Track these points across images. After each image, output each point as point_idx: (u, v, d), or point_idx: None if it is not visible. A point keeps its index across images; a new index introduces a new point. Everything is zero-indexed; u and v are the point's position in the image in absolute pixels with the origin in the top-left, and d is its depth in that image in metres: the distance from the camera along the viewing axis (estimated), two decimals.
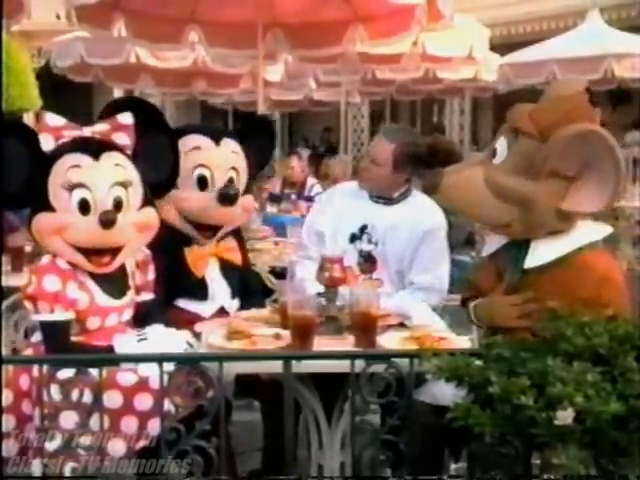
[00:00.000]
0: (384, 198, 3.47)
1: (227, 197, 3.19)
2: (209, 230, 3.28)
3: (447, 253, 3.49)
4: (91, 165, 2.73)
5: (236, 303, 3.36)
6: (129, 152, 2.85)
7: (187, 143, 3.20)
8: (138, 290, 2.91)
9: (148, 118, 2.93)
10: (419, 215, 3.42)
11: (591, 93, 2.41)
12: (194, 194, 3.19)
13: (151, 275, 2.95)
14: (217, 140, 3.26)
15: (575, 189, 2.37)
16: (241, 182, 3.29)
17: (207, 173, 3.20)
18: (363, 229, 3.41)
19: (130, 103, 3.01)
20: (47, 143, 2.72)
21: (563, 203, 2.38)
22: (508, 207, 2.45)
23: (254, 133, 3.46)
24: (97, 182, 2.71)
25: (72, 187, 2.68)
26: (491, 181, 2.47)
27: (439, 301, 3.40)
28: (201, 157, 3.20)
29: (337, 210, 3.50)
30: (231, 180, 3.24)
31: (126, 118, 2.86)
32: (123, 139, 2.84)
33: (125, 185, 2.78)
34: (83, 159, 2.73)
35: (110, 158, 2.78)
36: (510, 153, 2.47)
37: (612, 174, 2.33)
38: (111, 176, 2.75)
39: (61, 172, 2.69)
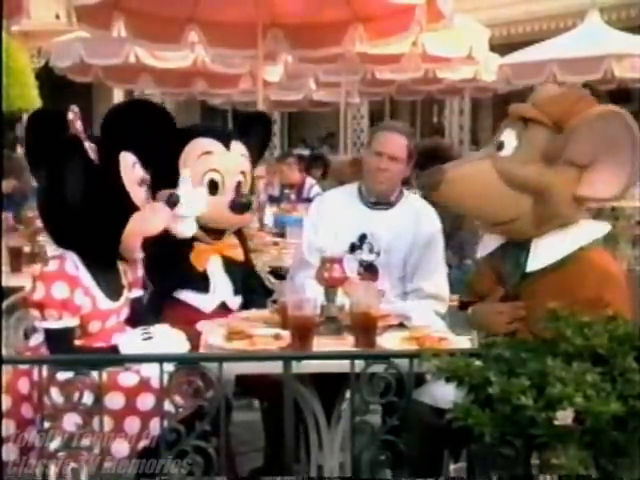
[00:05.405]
0: (382, 203, 3.35)
1: (241, 206, 3.21)
2: (216, 233, 3.26)
3: (444, 258, 3.42)
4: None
5: (239, 300, 3.32)
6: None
7: (198, 147, 3.18)
8: (129, 287, 2.90)
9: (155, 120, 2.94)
10: (418, 220, 3.32)
11: (591, 88, 2.41)
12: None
13: (140, 271, 2.94)
14: (227, 144, 3.23)
15: (590, 175, 2.37)
16: (248, 184, 3.30)
17: (218, 178, 3.18)
18: (363, 238, 3.30)
19: (135, 106, 3.01)
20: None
21: (579, 189, 2.37)
22: (518, 199, 2.41)
23: (253, 131, 3.43)
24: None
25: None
26: (506, 172, 2.42)
27: (445, 308, 3.30)
28: (213, 162, 3.18)
29: (332, 221, 3.35)
30: (239, 184, 3.23)
31: None
32: None
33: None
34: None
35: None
36: (521, 142, 2.44)
37: (629, 154, 2.32)
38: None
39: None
